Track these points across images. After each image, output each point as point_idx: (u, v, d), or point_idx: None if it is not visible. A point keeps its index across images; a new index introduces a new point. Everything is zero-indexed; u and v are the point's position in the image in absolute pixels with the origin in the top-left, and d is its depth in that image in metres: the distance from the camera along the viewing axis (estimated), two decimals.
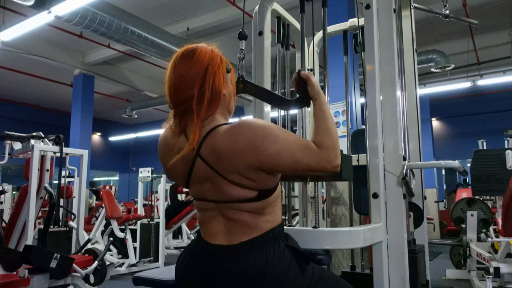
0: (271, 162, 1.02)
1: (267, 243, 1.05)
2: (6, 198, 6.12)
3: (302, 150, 1.04)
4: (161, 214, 5.21)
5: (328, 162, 1.05)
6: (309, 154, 1.05)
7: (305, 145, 1.06)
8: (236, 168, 1.03)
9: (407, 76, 2.08)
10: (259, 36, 1.85)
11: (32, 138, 3.36)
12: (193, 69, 1.10)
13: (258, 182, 1.05)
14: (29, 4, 4.78)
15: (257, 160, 1.01)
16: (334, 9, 3.23)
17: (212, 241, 1.10)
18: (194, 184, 1.12)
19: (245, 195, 1.05)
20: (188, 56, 1.12)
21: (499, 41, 7.81)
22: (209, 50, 1.14)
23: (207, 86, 1.09)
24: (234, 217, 1.07)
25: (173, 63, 1.15)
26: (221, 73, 1.12)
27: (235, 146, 1.02)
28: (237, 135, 1.03)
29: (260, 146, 1.01)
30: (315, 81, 1.19)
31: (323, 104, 1.17)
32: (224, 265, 1.05)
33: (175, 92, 1.11)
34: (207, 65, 1.10)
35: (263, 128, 1.03)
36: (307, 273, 1.08)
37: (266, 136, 1.02)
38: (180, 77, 1.11)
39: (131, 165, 15.41)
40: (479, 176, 3.93)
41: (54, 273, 2.52)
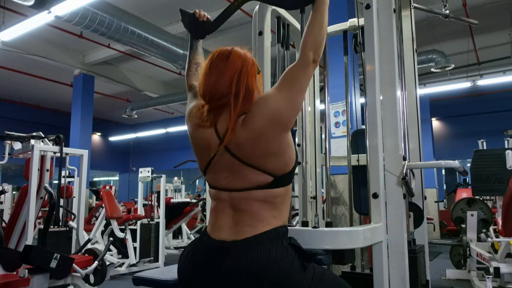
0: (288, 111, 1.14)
1: (271, 240, 1.07)
2: (6, 198, 6.11)
3: (293, 82, 1.18)
4: (161, 214, 5.21)
5: (307, 64, 1.20)
6: (297, 75, 1.19)
7: (291, 75, 1.19)
8: (258, 149, 1.12)
9: (407, 76, 2.08)
10: (259, 36, 1.85)
11: (32, 138, 3.36)
12: (229, 68, 1.19)
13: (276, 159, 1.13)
14: (29, 4, 4.78)
15: (278, 124, 1.12)
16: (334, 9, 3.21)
17: (217, 236, 1.13)
18: (212, 171, 1.19)
19: (262, 179, 1.12)
20: (224, 56, 1.22)
21: (499, 41, 7.81)
22: (243, 52, 1.25)
23: (242, 84, 1.18)
24: (244, 207, 1.12)
25: (210, 62, 1.23)
26: (253, 74, 1.23)
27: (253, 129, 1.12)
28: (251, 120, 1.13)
29: (275, 112, 1.13)
30: None
31: (324, 3, 1.29)
32: (227, 261, 1.06)
33: (213, 87, 1.19)
34: (241, 65, 1.20)
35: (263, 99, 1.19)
36: (308, 272, 1.09)
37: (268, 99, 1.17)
38: (217, 74, 1.20)
39: (131, 165, 15.41)
40: (479, 176, 3.93)
41: (54, 273, 2.52)
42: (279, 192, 1.14)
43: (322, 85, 2.17)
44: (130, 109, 11.12)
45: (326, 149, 1.88)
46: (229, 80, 1.18)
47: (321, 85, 2.30)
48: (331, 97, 1.86)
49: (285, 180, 1.16)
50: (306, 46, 1.21)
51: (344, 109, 3.69)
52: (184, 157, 6.57)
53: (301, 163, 1.87)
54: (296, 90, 1.17)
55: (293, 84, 1.17)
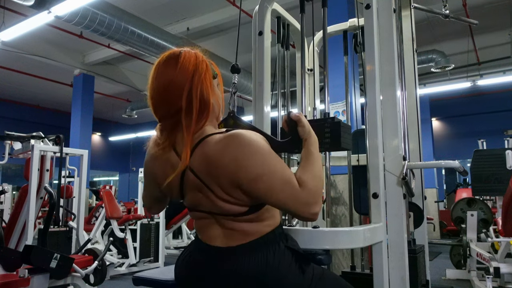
0: (248, 185, 0.96)
1: (267, 244, 1.05)
2: (6, 198, 6.12)
3: (281, 184, 0.96)
4: (161, 214, 5.20)
5: (307, 205, 0.96)
6: (288, 190, 0.96)
7: (287, 180, 0.97)
8: (222, 181, 0.98)
9: (407, 76, 2.08)
10: (259, 36, 1.85)
11: (32, 138, 3.37)
12: (178, 78, 1.02)
13: (242, 200, 1.00)
14: (29, 4, 4.78)
15: (237, 178, 0.96)
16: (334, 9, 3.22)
17: (211, 243, 1.08)
18: (187, 194, 1.08)
19: (236, 210, 1.01)
20: (171, 63, 1.04)
21: (499, 41, 7.81)
22: (194, 55, 1.07)
23: (194, 96, 1.01)
24: (230, 227, 1.05)
25: (156, 71, 1.06)
26: (208, 81, 1.05)
27: (222, 158, 0.97)
28: (226, 148, 0.98)
29: (243, 165, 0.95)
30: (306, 121, 1.14)
31: (312, 145, 1.11)
32: (224, 266, 1.04)
33: (161, 104, 1.04)
34: (193, 72, 1.03)
35: (253, 147, 0.97)
36: (307, 273, 1.08)
37: (252, 157, 0.96)
38: (164, 87, 1.03)
39: (131, 165, 15.41)
40: (479, 176, 3.93)
41: (54, 273, 2.52)
42: (262, 211, 1.04)
43: (322, 85, 2.17)
44: (130, 109, 11.12)
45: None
46: (179, 92, 1.01)
47: (321, 85, 2.30)
48: (331, 97, 1.85)
49: (262, 205, 1.03)
50: (309, 192, 0.97)
51: (344, 109, 3.69)
52: None
53: None
54: (268, 192, 0.96)
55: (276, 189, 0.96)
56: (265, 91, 1.81)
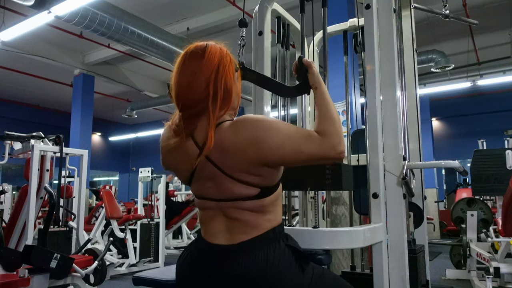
0: (274, 155, 1.02)
1: (268, 242, 1.06)
2: (6, 198, 6.12)
3: (304, 140, 1.03)
4: (161, 214, 5.21)
5: (333, 148, 1.04)
6: (312, 143, 1.03)
7: (307, 135, 1.05)
8: (239, 164, 1.03)
9: (407, 76, 2.08)
10: (259, 36, 1.85)
11: (32, 138, 3.36)
12: (204, 68, 1.07)
13: (262, 176, 1.05)
14: (29, 4, 4.78)
15: (260, 154, 1.01)
16: (334, 9, 3.22)
17: (212, 241, 1.10)
18: (196, 182, 1.11)
19: (248, 192, 1.05)
20: (198, 54, 1.10)
21: (499, 41, 7.81)
22: (219, 48, 1.13)
23: (219, 85, 1.07)
24: (235, 216, 1.07)
25: (182, 62, 1.11)
26: (231, 72, 1.11)
27: (237, 142, 1.02)
28: (239, 131, 1.03)
29: (262, 140, 1.01)
30: (316, 69, 1.19)
31: (324, 93, 1.16)
32: (224, 265, 1.05)
33: (186, 92, 1.08)
34: (218, 63, 1.09)
35: (264, 122, 1.04)
36: (307, 272, 1.08)
37: (267, 130, 1.02)
38: (191, 76, 1.08)
39: (131, 165, 15.40)
40: (479, 176, 3.93)
41: (54, 273, 2.51)
42: (269, 199, 1.08)
43: None
44: (130, 109, 11.12)
45: None
46: (205, 81, 1.06)
47: None
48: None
49: (273, 189, 1.09)
50: (331, 135, 1.04)
51: (344, 109, 3.69)
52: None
53: None
54: (297, 155, 1.03)
55: (301, 148, 1.03)
56: (265, 91, 1.81)
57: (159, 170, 6.21)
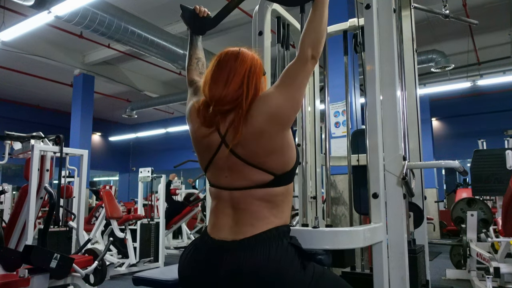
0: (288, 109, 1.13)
1: (270, 239, 1.07)
2: (6, 198, 6.12)
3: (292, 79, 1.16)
4: (161, 214, 5.21)
5: (305, 61, 1.17)
6: (296, 73, 1.16)
7: (290, 73, 1.17)
8: (259, 147, 1.11)
9: (407, 76, 2.08)
10: (259, 36, 1.85)
11: (32, 138, 3.36)
12: (239, 68, 1.17)
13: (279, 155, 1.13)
14: (29, 4, 4.78)
15: (278, 121, 1.11)
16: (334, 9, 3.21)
17: (216, 236, 1.13)
18: (212, 169, 1.19)
19: (262, 178, 1.12)
20: (232, 56, 1.20)
21: (499, 41, 7.81)
22: (250, 53, 1.23)
23: (251, 85, 1.16)
24: (244, 206, 1.11)
25: (217, 62, 1.20)
26: (260, 75, 1.21)
27: (254, 127, 1.11)
28: (251, 118, 1.12)
29: (274, 109, 1.12)
30: None
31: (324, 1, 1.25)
32: (227, 261, 1.07)
33: (223, 88, 1.15)
34: (250, 65, 1.18)
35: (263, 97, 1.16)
36: (309, 271, 1.09)
37: (268, 97, 1.15)
38: (227, 74, 1.17)
39: (131, 165, 15.41)
40: (479, 176, 3.93)
41: (54, 273, 2.51)
42: (280, 190, 1.14)
43: (322, 85, 2.17)
44: (130, 109, 11.12)
45: (326, 149, 1.88)
46: (239, 80, 1.15)
47: (321, 85, 2.30)
48: (331, 97, 1.86)
49: (286, 179, 1.15)
50: (304, 43, 1.18)
51: (344, 109, 3.69)
52: (184, 157, 6.57)
53: (301, 163, 1.87)
54: (295, 87, 1.15)
55: (292, 81, 1.16)
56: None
57: (159, 170, 6.22)
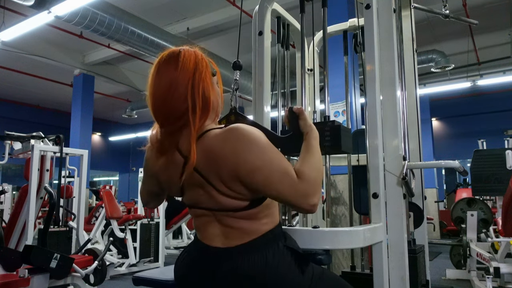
0: (247, 177, 0.97)
1: (266, 244, 1.04)
2: (6, 198, 6.12)
3: (280, 175, 0.96)
4: (161, 214, 5.20)
5: (306, 197, 0.97)
6: (286, 181, 0.96)
7: (285, 171, 0.97)
8: (223, 174, 0.99)
9: (407, 76, 2.08)
10: (259, 36, 1.85)
11: (32, 138, 3.37)
12: (180, 78, 1.02)
13: (242, 194, 1.00)
14: (29, 4, 4.78)
15: (236, 170, 0.97)
16: (334, 9, 3.21)
17: (209, 244, 1.08)
18: (188, 191, 1.08)
19: (237, 204, 1.02)
20: (172, 62, 1.05)
21: (499, 41, 7.81)
22: (193, 53, 1.07)
23: (197, 95, 1.02)
24: (230, 224, 1.05)
25: (156, 71, 1.06)
26: (208, 78, 1.06)
27: (222, 150, 0.98)
28: (225, 140, 0.99)
29: (241, 156, 0.96)
30: (307, 115, 1.17)
31: (313, 139, 1.13)
32: (223, 268, 1.03)
33: (164, 105, 1.03)
34: (193, 71, 1.03)
35: (252, 139, 0.98)
36: (307, 273, 1.07)
37: (250, 149, 0.97)
38: (167, 88, 1.02)
39: (131, 165, 15.40)
40: (479, 176, 3.93)
41: (54, 273, 2.52)
42: (261, 207, 1.04)
43: (322, 85, 2.17)
44: (130, 109, 11.12)
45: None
46: (183, 93, 1.01)
47: (321, 85, 2.30)
48: (331, 97, 1.85)
49: (263, 198, 1.04)
50: (309, 184, 0.98)
51: (344, 109, 3.69)
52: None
53: None
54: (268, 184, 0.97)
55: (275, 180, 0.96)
56: (265, 91, 1.81)
57: None
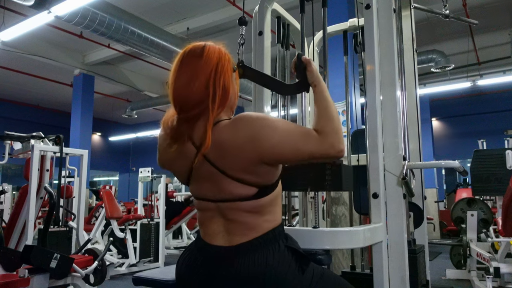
0: (272, 153, 1.01)
1: (267, 244, 1.05)
2: (6, 198, 6.11)
3: (303, 138, 1.03)
4: (161, 214, 5.21)
5: (332, 147, 1.03)
6: (311, 141, 1.03)
7: (306, 133, 1.04)
8: (237, 163, 1.02)
9: (407, 76, 2.08)
10: (259, 36, 1.85)
11: (32, 138, 3.36)
12: (204, 67, 1.06)
13: (259, 175, 1.04)
14: (29, 4, 4.78)
15: (258, 152, 1.00)
16: (334, 9, 3.22)
17: (211, 242, 1.09)
18: (194, 182, 1.11)
19: (245, 192, 1.04)
20: (196, 53, 1.09)
21: (499, 41, 7.81)
22: (217, 48, 1.12)
23: (217, 84, 1.06)
24: (233, 218, 1.06)
25: (180, 61, 1.10)
26: (229, 72, 1.11)
27: (235, 140, 1.01)
28: (238, 130, 1.02)
29: (261, 137, 1.00)
30: (315, 67, 1.17)
31: (323, 91, 1.14)
32: (223, 267, 1.04)
33: (186, 93, 1.06)
34: (217, 62, 1.08)
35: (262, 119, 1.03)
36: (308, 273, 1.08)
37: (265, 127, 1.01)
38: (190, 76, 1.06)
39: (131, 165, 15.41)
40: (479, 176, 3.93)
41: (54, 273, 2.51)
42: (267, 199, 1.07)
43: None
44: (130, 109, 11.12)
45: None
46: (204, 81, 1.05)
47: None
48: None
49: (271, 188, 1.08)
50: (329, 133, 1.04)
51: (344, 109, 3.69)
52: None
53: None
54: (296, 152, 1.02)
55: (301, 146, 1.02)
56: (265, 91, 1.81)
57: (159, 170, 6.22)
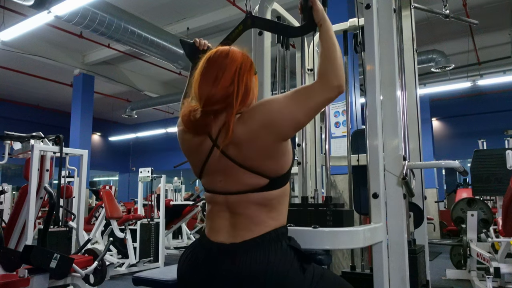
0: (287, 119, 1.07)
1: (270, 242, 1.06)
2: (6, 198, 6.11)
3: (306, 95, 1.10)
4: (161, 214, 5.20)
5: (332, 90, 1.10)
6: (314, 93, 1.10)
7: (306, 89, 1.12)
8: (253, 151, 1.07)
9: (407, 76, 2.08)
10: (259, 36, 1.85)
11: (32, 138, 3.36)
12: (229, 65, 1.14)
13: (274, 161, 1.09)
14: (29, 4, 4.78)
15: (274, 130, 1.06)
16: (334, 9, 3.21)
17: (215, 239, 1.11)
18: (206, 175, 1.16)
19: (257, 182, 1.09)
20: (222, 54, 1.17)
21: (499, 41, 7.81)
22: (241, 51, 1.20)
23: (241, 82, 1.12)
24: (240, 211, 1.09)
25: (207, 60, 1.17)
26: (252, 73, 1.18)
27: (249, 130, 1.07)
28: (248, 120, 1.09)
29: (271, 118, 1.07)
30: (321, 6, 1.21)
31: (329, 30, 1.18)
32: (226, 264, 1.06)
33: (212, 86, 1.12)
34: (241, 62, 1.15)
35: (264, 102, 1.12)
36: (308, 273, 1.09)
37: (271, 104, 1.10)
38: (217, 71, 1.13)
39: (131, 165, 15.41)
40: (479, 176, 3.92)
41: (54, 273, 2.51)
42: (276, 193, 1.11)
43: None
44: (130, 109, 11.12)
45: (326, 149, 1.88)
46: (229, 78, 1.11)
47: None
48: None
49: (281, 181, 1.13)
50: (327, 73, 1.10)
51: (344, 109, 3.69)
52: (184, 157, 6.57)
53: (301, 163, 1.87)
54: (305, 109, 1.09)
55: (306, 102, 1.09)
56: (265, 91, 1.81)
57: (159, 170, 6.22)
